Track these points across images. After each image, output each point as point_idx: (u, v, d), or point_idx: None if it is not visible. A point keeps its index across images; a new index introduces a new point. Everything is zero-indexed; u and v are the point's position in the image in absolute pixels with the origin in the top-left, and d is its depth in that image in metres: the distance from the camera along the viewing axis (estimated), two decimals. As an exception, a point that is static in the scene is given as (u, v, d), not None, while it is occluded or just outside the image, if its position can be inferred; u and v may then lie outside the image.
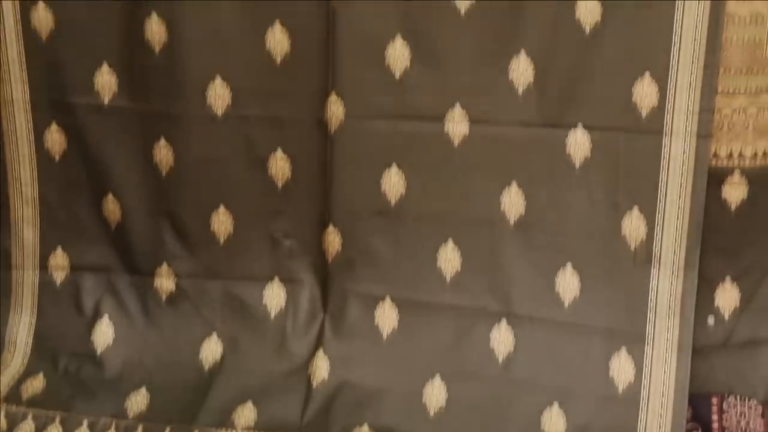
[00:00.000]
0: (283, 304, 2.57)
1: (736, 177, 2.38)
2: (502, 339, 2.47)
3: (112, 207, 2.58)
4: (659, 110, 2.34)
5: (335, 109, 2.42)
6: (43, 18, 2.47)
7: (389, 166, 2.46)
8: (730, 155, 2.38)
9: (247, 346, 2.57)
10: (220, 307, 2.59)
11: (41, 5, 2.46)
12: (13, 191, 2.60)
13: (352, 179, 2.47)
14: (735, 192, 2.39)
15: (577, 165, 2.40)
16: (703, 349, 2.41)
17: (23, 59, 2.51)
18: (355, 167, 2.47)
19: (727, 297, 2.44)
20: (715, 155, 2.38)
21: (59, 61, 2.51)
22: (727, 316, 2.44)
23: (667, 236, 2.37)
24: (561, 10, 2.33)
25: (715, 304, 2.44)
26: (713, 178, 2.37)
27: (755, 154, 2.37)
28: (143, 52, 2.46)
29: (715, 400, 2.41)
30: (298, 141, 2.48)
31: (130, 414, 2.45)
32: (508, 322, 2.47)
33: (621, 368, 2.39)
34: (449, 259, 2.48)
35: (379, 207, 2.48)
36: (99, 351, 2.60)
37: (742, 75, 2.33)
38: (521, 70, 2.37)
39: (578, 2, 2.32)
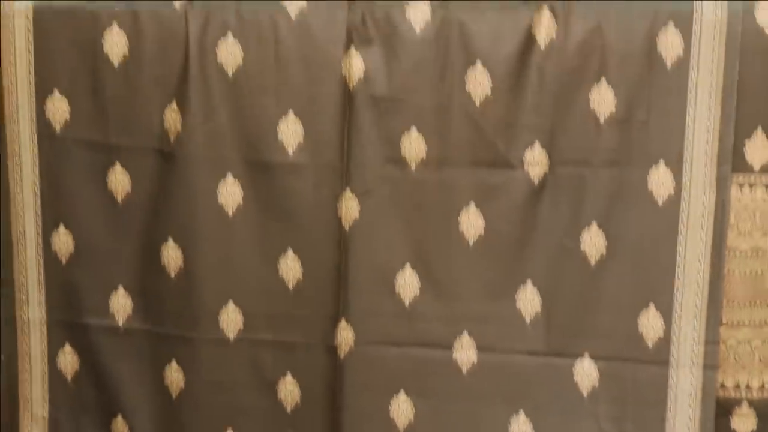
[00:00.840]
0: None
1: (744, 408, 2.39)
2: None
3: (121, 428, 2.59)
4: (665, 341, 2.37)
5: (345, 336, 2.46)
6: (63, 242, 2.55)
7: (398, 392, 2.48)
8: (737, 386, 2.39)
9: None
10: None
11: (62, 230, 2.54)
12: (23, 411, 2.61)
13: (360, 405, 2.48)
14: (744, 423, 2.39)
15: (585, 394, 2.42)
16: None
17: (42, 281, 2.57)
18: (364, 393, 2.48)
19: None
20: (723, 386, 2.39)
21: (76, 284, 2.57)
22: None
23: (677, 467, 2.35)
24: (566, 242, 2.39)
25: None
26: (721, 409, 2.38)
27: (762, 386, 2.39)
28: (159, 276, 2.52)
29: None
30: (308, 366, 2.50)
31: None
32: None
33: None
34: (458, 486, 2.47)
35: (387, 433, 2.47)
36: None
37: (746, 307, 2.37)
38: (528, 300, 2.42)
39: (583, 235, 2.37)
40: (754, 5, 2.29)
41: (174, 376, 2.55)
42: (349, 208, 2.43)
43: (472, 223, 2.41)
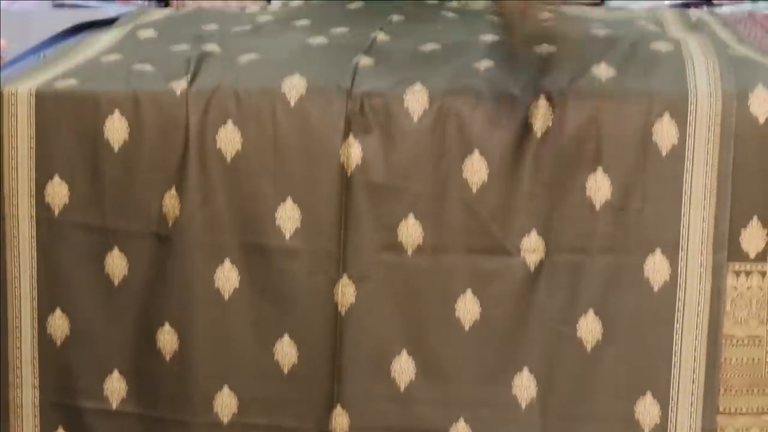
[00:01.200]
0: None
1: (743, 497, 2.37)
2: None
3: None
4: (661, 428, 2.37)
5: (340, 421, 2.45)
6: (58, 325, 2.54)
7: (393, 478, 2.45)
8: (735, 475, 2.38)
9: None
10: None
11: (58, 313, 2.53)
12: (13, 496, 2.58)
13: (355, 490, 2.46)
14: None
15: (582, 481, 2.40)
16: None
17: (36, 363, 2.55)
18: (359, 479, 2.46)
19: None
20: (721, 474, 2.37)
21: (71, 366, 2.55)
22: None
23: None
24: (563, 328, 2.39)
25: None
26: (719, 497, 2.36)
27: (762, 472, 2.38)
28: (154, 360, 2.51)
29: None
30: (303, 451, 2.48)
31: None
32: None
33: None
34: None
35: None
36: None
37: (743, 395, 2.37)
38: (524, 386, 2.41)
39: (580, 321, 2.38)
40: (748, 95, 2.31)
41: (167, 459, 2.53)
42: (346, 293, 2.43)
43: (468, 309, 2.41)
